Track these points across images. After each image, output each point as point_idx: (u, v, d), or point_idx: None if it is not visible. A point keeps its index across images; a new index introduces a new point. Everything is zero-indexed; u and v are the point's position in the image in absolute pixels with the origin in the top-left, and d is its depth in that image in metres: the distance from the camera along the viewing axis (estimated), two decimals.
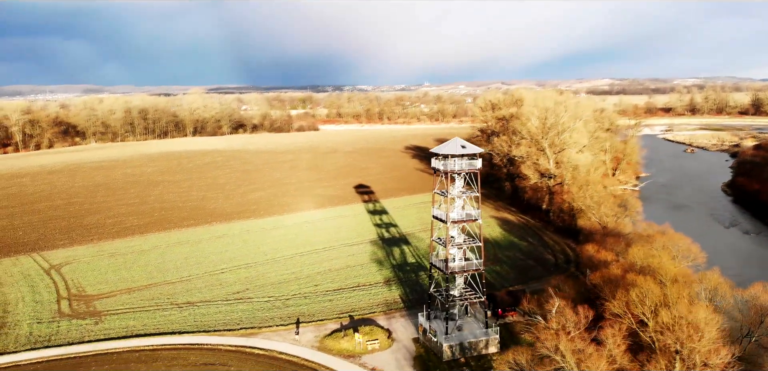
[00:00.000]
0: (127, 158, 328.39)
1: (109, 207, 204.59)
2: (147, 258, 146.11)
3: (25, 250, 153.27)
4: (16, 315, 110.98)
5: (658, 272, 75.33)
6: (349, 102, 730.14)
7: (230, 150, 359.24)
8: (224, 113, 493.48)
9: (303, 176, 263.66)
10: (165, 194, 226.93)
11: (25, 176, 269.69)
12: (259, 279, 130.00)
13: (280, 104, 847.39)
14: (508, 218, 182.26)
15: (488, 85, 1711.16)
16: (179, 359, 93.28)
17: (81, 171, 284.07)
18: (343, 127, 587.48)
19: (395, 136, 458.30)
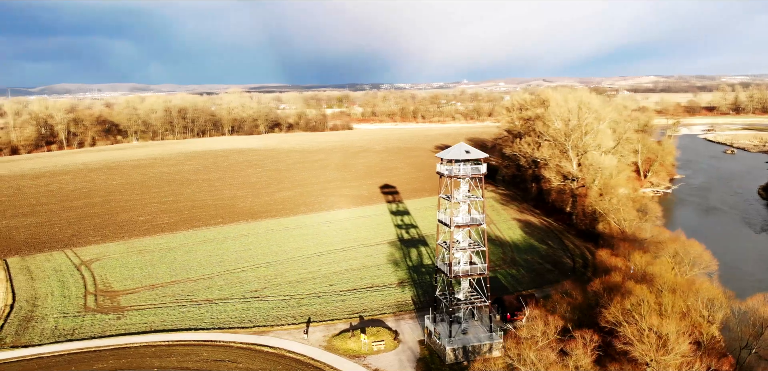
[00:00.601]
0: (166, 157, 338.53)
1: (143, 205, 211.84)
2: (173, 256, 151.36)
3: (59, 246, 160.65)
4: (44, 309, 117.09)
5: (657, 280, 74.58)
6: (383, 101, 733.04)
7: (264, 149, 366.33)
8: (261, 112, 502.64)
9: (331, 175, 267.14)
10: (197, 192, 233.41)
11: (67, 174, 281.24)
12: (277, 278, 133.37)
13: (316, 103, 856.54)
14: (531, 221, 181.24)
15: (528, 82, 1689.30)
16: (192, 355, 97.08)
17: (120, 169, 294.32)
18: (377, 126, 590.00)
19: (427, 135, 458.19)
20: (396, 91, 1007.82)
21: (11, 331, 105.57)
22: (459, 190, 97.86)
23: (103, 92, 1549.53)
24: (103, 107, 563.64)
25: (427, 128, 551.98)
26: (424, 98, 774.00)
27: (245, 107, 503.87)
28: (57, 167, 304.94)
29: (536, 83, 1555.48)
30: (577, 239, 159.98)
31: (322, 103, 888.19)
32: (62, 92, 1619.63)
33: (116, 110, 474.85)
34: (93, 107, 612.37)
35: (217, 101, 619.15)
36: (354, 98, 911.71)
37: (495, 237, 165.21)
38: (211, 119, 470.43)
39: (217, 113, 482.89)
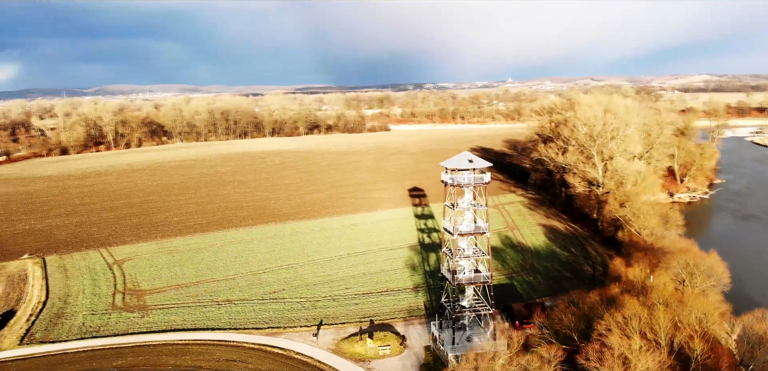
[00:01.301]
0: (206, 158, 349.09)
1: (179, 205, 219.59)
2: (201, 256, 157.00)
3: (96, 245, 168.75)
4: (75, 306, 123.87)
5: (653, 293, 73.79)
6: (423, 102, 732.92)
7: (301, 151, 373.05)
8: (301, 114, 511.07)
9: (362, 178, 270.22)
10: (232, 193, 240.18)
11: (111, 174, 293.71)
12: (296, 280, 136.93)
13: (358, 104, 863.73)
14: (557, 227, 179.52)
15: (575, 81, 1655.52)
16: (206, 354, 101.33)
17: (161, 170, 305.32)
18: (415, 127, 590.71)
19: (465, 136, 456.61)
20: (436, 92, 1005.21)
21: (41, 327, 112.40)
22: (463, 198, 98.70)
23: (154, 93, 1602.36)
24: (151, 109, 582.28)
25: (465, 128, 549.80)
26: (465, 98, 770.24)
27: (286, 109, 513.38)
28: (103, 167, 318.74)
29: (584, 82, 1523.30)
30: (601, 246, 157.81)
31: (363, 104, 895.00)
32: (115, 93, 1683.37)
33: (162, 112, 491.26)
34: (142, 108, 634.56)
35: (261, 102, 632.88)
36: (394, 98, 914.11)
37: (517, 243, 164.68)
38: (252, 120, 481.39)
39: (259, 115, 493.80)
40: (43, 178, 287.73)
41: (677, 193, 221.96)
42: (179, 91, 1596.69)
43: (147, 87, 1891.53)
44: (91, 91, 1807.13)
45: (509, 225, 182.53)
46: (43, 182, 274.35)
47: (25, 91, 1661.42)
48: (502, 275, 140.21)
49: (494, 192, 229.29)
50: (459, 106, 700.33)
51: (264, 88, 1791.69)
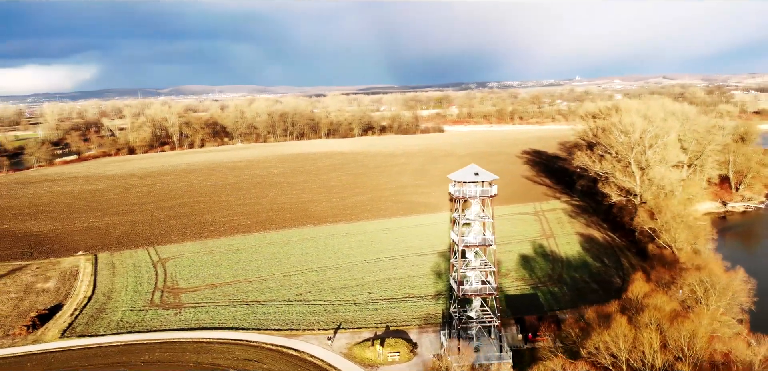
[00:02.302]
0: (261, 159, 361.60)
1: (228, 206, 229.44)
2: (239, 257, 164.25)
3: (145, 244, 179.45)
4: (117, 301, 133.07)
5: (646, 312, 72.54)
6: (480, 102, 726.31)
7: (351, 153, 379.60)
8: (356, 115, 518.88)
9: (406, 181, 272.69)
10: (279, 195, 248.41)
11: (170, 174, 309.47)
12: (323, 283, 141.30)
13: (416, 104, 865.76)
14: (594, 236, 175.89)
15: (646, 79, 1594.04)
16: (226, 353, 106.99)
17: (217, 171, 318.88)
18: (470, 128, 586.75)
19: (519, 138, 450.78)
20: (497, 91, 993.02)
21: (83, 321, 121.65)
22: (470, 210, 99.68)
23: (225, 93, 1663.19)
24: (217, 109, 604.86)
25: (521, 130, 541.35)
26: (524, 98, 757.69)
27: (342, 111, 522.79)
28: (164, 167, 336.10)
29: (655, 81, 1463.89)
30: (636, 258, 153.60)
31: (422, 104, 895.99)
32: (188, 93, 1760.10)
33: (225, 113, 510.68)
34: (209, 109, 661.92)
35: (320, 104, 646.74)
36: (453, 98, 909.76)
37: (549, 252, 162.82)
38: (310, 122, 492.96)
39: (316, 117, 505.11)
40: (107, 177, 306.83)
41: (731, 202, 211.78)
42: (248, 92, 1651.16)
43: (217, 88, 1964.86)
44: (165, 91, 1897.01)
45: (545, 233, 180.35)
46: (107, 181, 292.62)
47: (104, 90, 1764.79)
48: (527, 285, 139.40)
49: (538, 198, 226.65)
50: (518, 106, 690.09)
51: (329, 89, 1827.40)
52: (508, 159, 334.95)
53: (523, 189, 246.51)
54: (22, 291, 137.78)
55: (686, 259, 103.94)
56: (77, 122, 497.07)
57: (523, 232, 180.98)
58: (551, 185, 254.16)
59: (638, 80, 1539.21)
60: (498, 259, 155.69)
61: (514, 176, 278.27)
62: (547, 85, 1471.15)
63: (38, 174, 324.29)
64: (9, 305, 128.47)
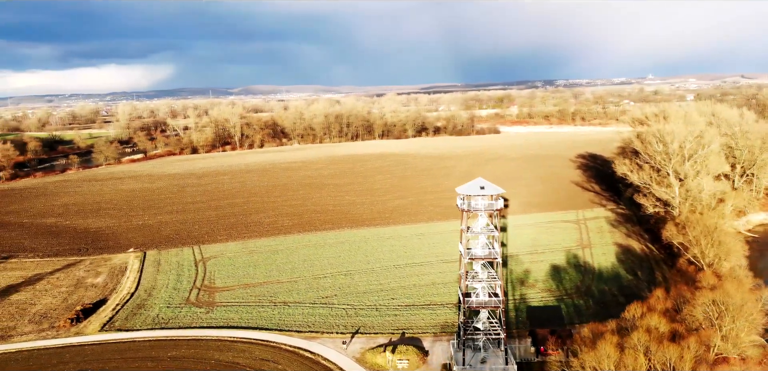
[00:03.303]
0: (314, 160, 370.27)
1: (275, 207, 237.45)
2: (275, 258, 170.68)
3: (192, 242, 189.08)
4: (156, 298, 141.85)
5: (640, 333, 71.47)
6: (542, 102, 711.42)
7: (401, 154, 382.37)
8: (410, 116, 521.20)
9: (450, 184, 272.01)
10: (325, 197, 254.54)
11: (226, 174, 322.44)
12: (350, 287, 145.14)
13: (475, 103, 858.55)
14: (632, 247, 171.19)
15: (723, 78, 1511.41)
16: (247, 352, 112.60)
17: (271, 171, 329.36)
18: (528, 129, 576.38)
19: (577, 140, 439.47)
20: (561, 90, 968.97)
21: (122, 316, 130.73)
22: (477, 222, 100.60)
23: (291, 93, 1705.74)
24: (281, 110, 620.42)
25: (581, 131, 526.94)
26: (588, 98, 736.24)
27: (397, 112, 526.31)
28: (221, 167, 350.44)
29: (733, 80, 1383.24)
30: (671, 272, 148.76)
31: (482, 103, 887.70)
32: (257, 93, 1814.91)
33: (284, 115, 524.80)
34: (275, 109, 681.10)
35: (378, 104, 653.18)
36: (515, 97, 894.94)
37: (582, 263, 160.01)
38: (364, 123, 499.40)
39: (370, 118, 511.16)
40: (168, 176, 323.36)
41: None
42: (313, 92, 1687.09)
43: (284, 87, 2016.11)
44: (236, 91, 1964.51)
45: (582, 243, 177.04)
46: (167, 180, 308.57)
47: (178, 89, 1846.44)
48: (553, 296, 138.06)
49: (583, 205, 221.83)
50: (581, 106, 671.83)
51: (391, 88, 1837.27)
52: (560, 163, 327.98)
53: (570, 196, 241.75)
54: (73, 285, 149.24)
55: (704, 277, 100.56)
56: (147, 121, 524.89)
57: (559, 241, 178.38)
58: (599, 192, 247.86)
59: (714, 79, 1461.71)
60: (527, 269, 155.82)
61: (562, 182, 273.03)
62: (617, 84, 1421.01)
63: (106, 172, 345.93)
64: (59, 298, 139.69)
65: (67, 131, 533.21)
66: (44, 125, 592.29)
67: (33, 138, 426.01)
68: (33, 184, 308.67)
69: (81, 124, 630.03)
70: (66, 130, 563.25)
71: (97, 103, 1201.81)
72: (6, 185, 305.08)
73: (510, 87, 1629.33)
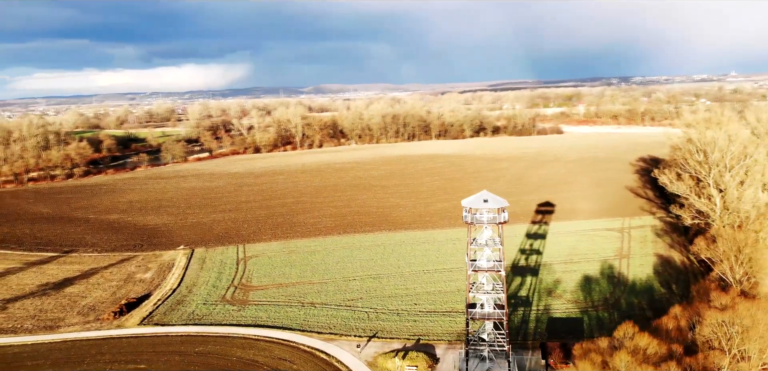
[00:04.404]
0: (367, 161, 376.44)
1: (321, 208, 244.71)
2: (311, 259, 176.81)
3: (238, 241, 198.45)
4: (195, 295, 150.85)
5: (622, 354, 70.85)
6: (611, 100, 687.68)
7: (455, 156, 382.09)
8: (468, 116, 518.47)
9: (498, 188, 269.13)
10: (370, 198, 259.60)
11: (282, 174, 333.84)
12: (376, 291, 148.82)
13: (542, 102, 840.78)
14: (673, 259, 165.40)
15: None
16: (266, 351, 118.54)
17: (324, 172, 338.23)
18: (592, 129, 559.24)
19: (642, 142, 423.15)
20: (635, 87, 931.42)
21: (161, 311, 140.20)
22: (482, 235, 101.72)
23: (359, 92, 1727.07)
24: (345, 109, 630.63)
25: (649, 132, 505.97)
26: (660, 97, 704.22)
27: (455, 112, 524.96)
28: (279, 167, 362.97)
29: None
30: (696, 286, 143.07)
31: (550, 101, 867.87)
32: (327, 92, 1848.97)
33: (344, 115, 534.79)
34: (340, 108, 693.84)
35: (436, 104, 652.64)
36: (584, 95, 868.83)
37: (616, 274, 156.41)
38: (421, 123, 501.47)
39: (427, 118, 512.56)
40: (227, 175, 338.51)
41: None
42: (381, 90, 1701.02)
43: (352, 86, 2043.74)
44: (307, 90, 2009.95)
45: (621, 253, 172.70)
46: (225, 179, 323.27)
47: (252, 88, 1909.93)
48: (578, 308, 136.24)
49: (632, 213, 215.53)
50: (652, 105, 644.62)
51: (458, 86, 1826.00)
52: (619, 167, 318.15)
53: (620, 202, 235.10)
54: (123, 280, 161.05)
55: (716, 296, 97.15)
56: (215, 121, 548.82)
57: (598, 250, 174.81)
58: (652, 199, 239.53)
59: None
60: (558, 278, 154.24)
61: (616, 187, 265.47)
62: (697, 81, 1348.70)
63: (171, 170, 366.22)
64: (108, 291, 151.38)
65: (142, 130, 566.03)
66: (122, 123, 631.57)
67: (108, 136, 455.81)
68: (104, 181, 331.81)
69: (157, 122, 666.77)
70: (142, 128, 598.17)
71: (175, 101, 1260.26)
72: (79, 182, 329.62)
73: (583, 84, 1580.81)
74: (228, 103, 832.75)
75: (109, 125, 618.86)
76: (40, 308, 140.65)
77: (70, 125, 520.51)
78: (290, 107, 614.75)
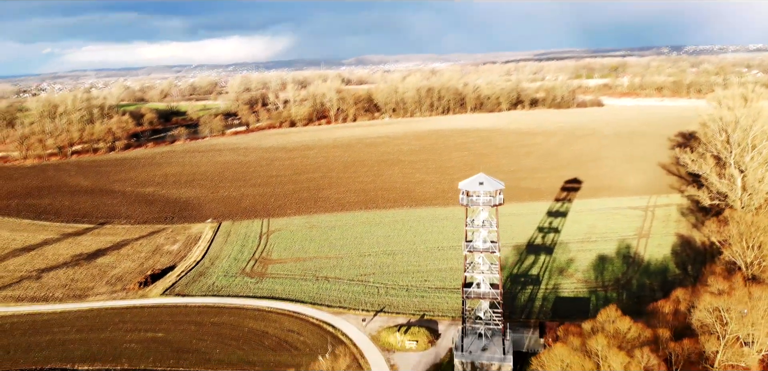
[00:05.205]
0: (399, 135, 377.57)
1: (347, 183, 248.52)
2: (330, 234, 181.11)
3: (263, 215, 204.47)
4: (218, 267, 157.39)
5: (599, 338, 71.68)
6: (657, 71, 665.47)
7: (488, 130, 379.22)
8: (505, 89, 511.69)
9: (527, 164, 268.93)
10: (396, 174, 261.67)
11: (314, 149, 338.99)
12: (389, 267, 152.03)
13: (585, 72, 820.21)
14: (693, 239, 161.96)
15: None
16: (277, 322, 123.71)
17: (354, 147, 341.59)
18: (636, 102, 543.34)
19: (685, 115, 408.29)
20: (682, 59, 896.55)
21: (184, 283, 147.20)
22: (479, 216, 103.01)
23: (400, 63, 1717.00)
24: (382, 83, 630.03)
25: (693, 106, 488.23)
26: (708, 68, 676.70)
27: (491, 84, 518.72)
28: (311, 142, 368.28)
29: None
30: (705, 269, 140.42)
31: (595, 72, 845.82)
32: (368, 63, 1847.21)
33: (378, 89, 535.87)
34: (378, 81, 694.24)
35: (474, 75, 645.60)
36: (631, 66, 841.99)
37: (632, 254, 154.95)
38: (456, 96, 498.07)
39: (463, 91, 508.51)
40: (261, 149, 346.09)
41: None
42: (423, 61, 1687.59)
43: (393, 57, 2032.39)
44: (349, 62, 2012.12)
45: (641, 232, 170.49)
46: (259, 153, 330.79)
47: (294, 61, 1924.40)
48: (587, 288, 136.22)
49: (661, 190, 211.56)
50: (699, 77, 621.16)
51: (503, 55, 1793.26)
52: (656, 142, 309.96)
53: (650, 179, 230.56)
54: (152, 251, 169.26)
55: (714, 280, 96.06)
56: (254, 95, 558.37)
57: (617, 229, 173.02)
58: (683, 177, 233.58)
59: None
60: (572, 257, 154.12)
61: (649, 163, 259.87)
62: (752, 51, 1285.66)
63: (208, 144, 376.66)
64: (136, 262, 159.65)
65: (184, 103, 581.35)
66: (165, 96, 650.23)
67: (150, 110, 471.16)
68: (143, 154, 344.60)
69: (199, 95, 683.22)
70: (184, 101, 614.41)
71: (220, 74, 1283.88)
72: (120, 155, 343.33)
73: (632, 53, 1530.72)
74: (269, 76, 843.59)
75: (153, 98, 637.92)
76: (71, 277, 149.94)
77: (115, 98, 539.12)
78: (327, 81, 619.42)
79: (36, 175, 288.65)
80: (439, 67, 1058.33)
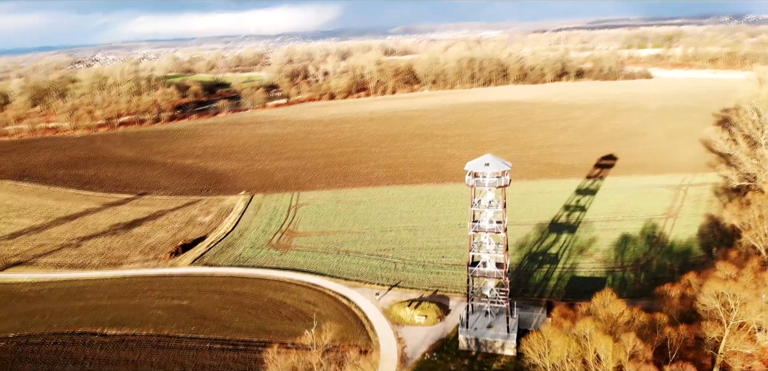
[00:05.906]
0: (435, 108, 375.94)
1: (377, 158, 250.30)
2: (356, 209, 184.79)
3: (294, 188, 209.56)
4: (246, 238, 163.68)
5: (588, 321, 72.56)
6: (712, 42, 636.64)
7: (527, 103, 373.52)
8: (549, 60, 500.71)
9: (562, 139, 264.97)
10: (427, 149, 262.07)
11: (349, 122, 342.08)
12: (409, 242, 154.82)
13: (637, 42, 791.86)
14: (722, 220, 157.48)
15: None
16: (295, 294, 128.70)
17: (390, 120, 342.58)
18: (687, 73, 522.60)
19: (735, 89, 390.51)
20: (741, 28, 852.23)
21: (212, 253, 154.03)
22: (485, 196, 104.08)
23: (447, 32, 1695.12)
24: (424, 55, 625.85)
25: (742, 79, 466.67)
26: (766, 39, 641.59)
27: (536, 55, 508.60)
28: (348, 115, 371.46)
29: None
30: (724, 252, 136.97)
31: (649, 41, 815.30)
32: (414, 32, 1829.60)
33: (419, 60, 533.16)
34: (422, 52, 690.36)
35: (520, 45, 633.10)
36: (686, 35, 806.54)
37: (658, 234, 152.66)
38: (498, 67, 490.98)
39: (505, 62, 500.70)
40: (299, 122, 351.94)
41: None
42: (470, 30, 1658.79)
43: (442, 25, 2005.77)
44: (395, 31, 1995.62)
45: (670, 212, 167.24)
46: (297, 126, 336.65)
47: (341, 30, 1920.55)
48: (604, 268, 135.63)
49: (697, 168, 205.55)
50: (755, 48, 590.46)
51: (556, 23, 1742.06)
52: (701, 117, 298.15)
53: (687, 157, 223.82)
54: (185, 222, 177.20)
55: (722, 265, 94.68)
56: (296, 67, 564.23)
57: (646, 208, 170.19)
58: (724, 154, 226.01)
59: None
60: (594, 237, 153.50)
61: (689, 140, 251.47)
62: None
63: (249, 116, 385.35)
64: (170, 232, 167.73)
65: (229, 75, 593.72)
66: (212, 67, 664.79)
67: (195, 82, 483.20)
68: (186, 126, 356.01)
69: (244, 67, 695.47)
70: (230, 73, 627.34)
71: (267, 45, 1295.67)
72: (164, 126, 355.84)
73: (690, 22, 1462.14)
74: (314, 47, 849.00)
75: (201, 69, 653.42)
76: (108, 246, 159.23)
77: (163, 69, 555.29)
78: (370, 51, 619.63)
79: (84, 146, 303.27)
80: (487, 35, 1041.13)
